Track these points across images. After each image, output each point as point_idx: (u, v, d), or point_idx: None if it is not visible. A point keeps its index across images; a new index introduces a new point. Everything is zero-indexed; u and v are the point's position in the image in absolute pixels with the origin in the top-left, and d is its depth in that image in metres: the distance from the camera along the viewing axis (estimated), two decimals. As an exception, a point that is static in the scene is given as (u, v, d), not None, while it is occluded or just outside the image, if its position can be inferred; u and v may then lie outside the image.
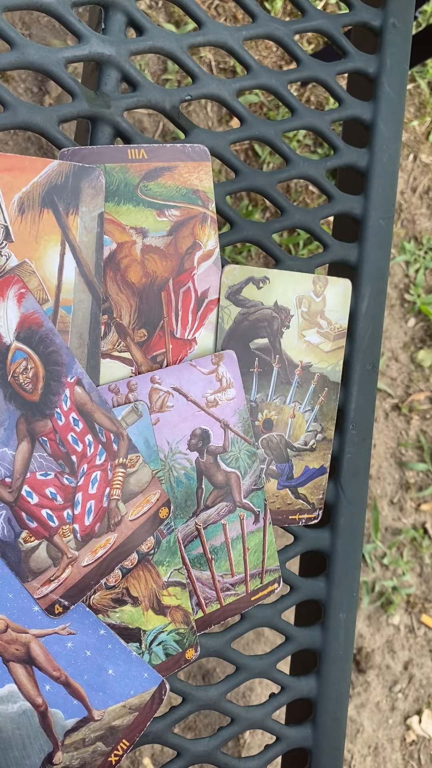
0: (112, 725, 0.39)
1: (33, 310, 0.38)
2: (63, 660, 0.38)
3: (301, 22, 0.49)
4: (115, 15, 0.43)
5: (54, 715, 0.38)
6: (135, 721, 0.40)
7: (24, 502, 0.37)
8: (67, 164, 0.39)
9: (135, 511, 0.40)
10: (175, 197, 0.41)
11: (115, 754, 0.39)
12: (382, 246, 0.50)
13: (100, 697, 0.39)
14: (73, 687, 0.38)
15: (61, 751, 0.38)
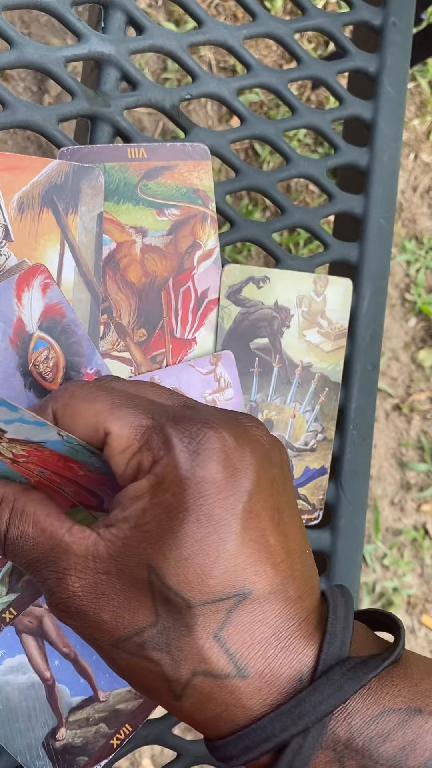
0: (116, 708, 0.39)
1: (57, 300, 0.38)
2: (73, 637, 0.38)
3: (302, 21, 0.48)
4: (115, 14, 0.43)
5: (61, 691, 0.38)
6: (139, 707, 0.40)
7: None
8: (67, 164, 0.39)
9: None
10: (175, 196, 0.41)
11: (117, 737, 0.39)
12: (382, 245, 0.50)
13: (106, 679, 0.39)
14: (81, 665, 0.39)
15: (65, 727, 0.38)
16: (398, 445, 1.31)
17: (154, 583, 0.28)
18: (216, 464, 0.28)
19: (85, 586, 0.29)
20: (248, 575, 0.28)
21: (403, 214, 1.36)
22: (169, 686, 0.29)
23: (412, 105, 1.36)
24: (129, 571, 0.28)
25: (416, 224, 1.36)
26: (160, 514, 0.28)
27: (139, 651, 0.29)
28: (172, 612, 0.28)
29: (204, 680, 0.28)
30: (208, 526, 0.28)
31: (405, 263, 1.34)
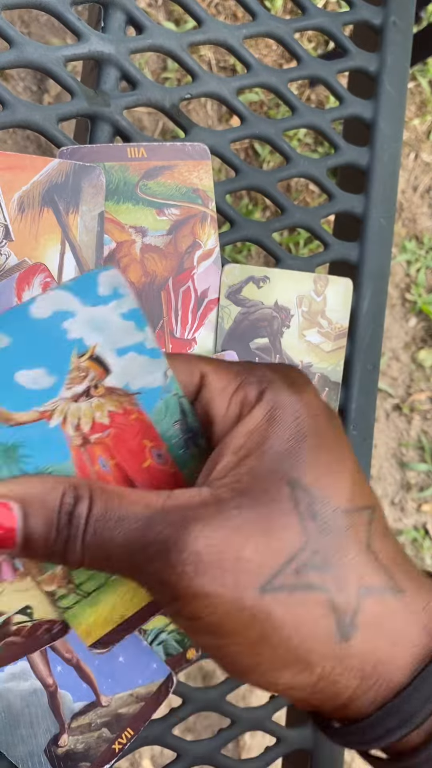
0: (118, 712, 0.39)
1: None
2: (76, 643, 0.38)
3: (302, 21, 0.48)
4: (115, 13, 0.43)
5: (63, 697, 0.38)
6: (140, 711, 0.40)
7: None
8: (68, 163, 0.38)
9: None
10: (175, 196, 0.41)
11: (119, 742, 0.39)
12: (383, 245, 0.49)
13: (108, 684, 0.39)
14: (84, 671, 0.39)
15: (68, 733, 0.38)
16: (398, 445, 1.31)
17: (299, 499, 0.26)
18: (312, 390, 0.29)
19: (215, 528, 0.25)
20: (368, 491, 0.28)
21: (404, 214, 1.36)
22: (338, 620, 0.25)
23: (413, 104, 1.36)
24: (267, 497, 0.26)
25: (416, 224, 1.36)
26: (285, 434, 0.27)
27: (297, 580, 0.25)
28: (323, 526, 0.26)
29: (372, 602, 0.26)
30: (331, 444, 0.28)
31: (405, 263, 1.34)
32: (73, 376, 0.27)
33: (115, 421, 0.29)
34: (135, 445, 0.29)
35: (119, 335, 0.27)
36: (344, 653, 0.25)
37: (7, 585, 0.31)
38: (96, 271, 0.26)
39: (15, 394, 0.27)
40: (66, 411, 0.28)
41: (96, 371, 0.28)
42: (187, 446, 0.30)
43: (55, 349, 0.27)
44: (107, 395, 0.28)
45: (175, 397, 0.29)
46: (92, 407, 0.28)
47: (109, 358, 0.27)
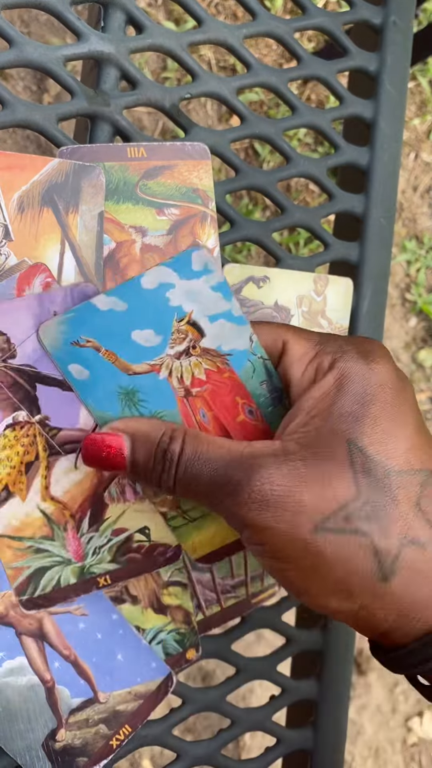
0: (116, 709, 0.39)
1: None
2: (74, 639, 0.38)
3: (302, 20, 0.48)
4: (115, 13, 0.42)
5: (60, 693, 0.38)
6: (139, 709, 0.40)
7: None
8: (68, 163, 0.38)
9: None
10: (175, 196, 0.41)
11: (117, 738, 0.39)
12: (383, 245, 0.49)
13: (107, 681, 0.39)
14: (82, 667, 0.39)
15: (65, 728, 0.38)
16: (398, 444, 1.31)
17: (354, 457, 0.30)
18: (387, 364, 0.33)
19: (281, 474, 0.30)
20: (427, 458, 0.31)
21: (404, 214, 1.36)
22: (379, 562, 0.29)
23: (413, 104, 1.36)
24: (327, 453, 0.30)
25: (416, 224, 1.36)
26: (351, 400, 0.31)
27: (346, 525, 0.29)
28: (374, 482, 0.30)
29: (412, 550, 0.29)
30: (393, 411, 0.31)
31: (405, 263, 1.34)
32: (175, 337, 0.33)
33: (211, 378, 0.34)
34: (229, 401, 0.35)
35: (210, 304, 0.33)
36: (383, 591, 0.29)
37: (130, 505, 0.38)
38: (190, 250, 0.32)
39: (132, 349, 0.33)
40: (171, 366, 0.34)
41: (193, 334, 0.33)
42: (274, 404, 0.35)
43: (161, 314, 0.33)
44: (203, 355, 0.34)
45: (260, 359, 0.34)
46: (191, 365, 0.34)
47: (202, 323, 0.33)
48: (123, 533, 0.39)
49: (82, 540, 0.38)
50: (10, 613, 0.37)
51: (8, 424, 0.36)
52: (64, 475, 0.37)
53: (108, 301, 0.33)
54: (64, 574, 0.38)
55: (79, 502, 0.38)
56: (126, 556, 0.39)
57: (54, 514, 0.37)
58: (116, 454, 0.33)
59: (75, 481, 0.38)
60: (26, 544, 0.37)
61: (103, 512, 0.38)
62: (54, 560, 0.38)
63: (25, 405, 0.36)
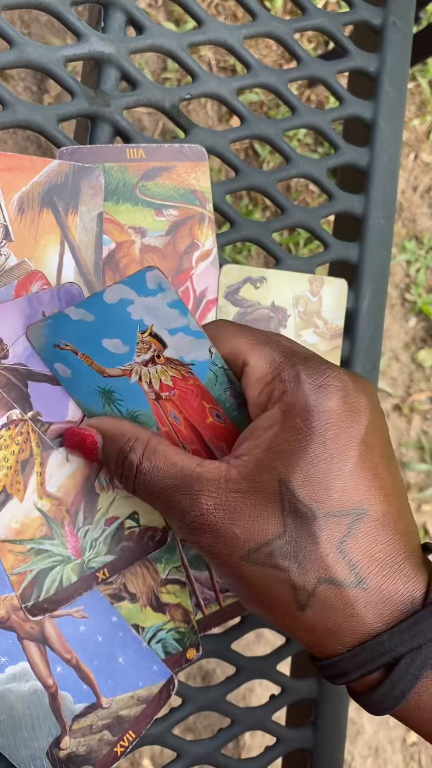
0: (119, 714, 0.39)
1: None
2: (75, 643, 0.38)
3: (302, 21, 0.48)
4: (115, 13, 0.43)
5: (63, 698, 0.38)
6: (142, 713, 0.39)
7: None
8: (67, 164, 0.38)
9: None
10: (173, 197, 0.41)
11: (121, 745, 0.39)
12: (382, 245, 0.50)
13: (109, 685, 0.39)
14: (84, 671, 0.39)
15: (69, 736, 0.38)
16: (398, 445, 1.31)
17: (284, 496, 0.31)
18: (338, 398, 0.33)
19: (218, 504, 0.32)
20: (364, 497, 0.32)
21: (403, 214, 1.36)
22: (295, 595, 0.32)
23: (412, 105, 1.36)
24: (261, 487, 0.32)
25: (416, 224, 1.36)
26: (291, 436, 0.32)
27: (268, 560, 0.32)
28: (300, 523, 0.31)
29: (327, 588, 0.31)
30: (331, 449, 0.32)
31: (405, 263, 1.34)
32: (140, 347, 0.35)
33: (177, 384, 0.36)
34: (197, 404, 0.37)
35: (168, 319, 0.35)
36: (300, 618, 0.32)
37: (119, 492, 0.39)
38: (143, 270, 0.34)
39: (104, 355, 0.36)
40: (140, 372, 0.36)
41: (156, 345, 0.35)
42: (239, 410, 0.37)
43: (125, 326, 0.35)
44: (168, 364, 0.36)
45: (221, 369, 0.36)
46: (158, 372, 0.36)
47: (163, 335, 0.35)
48: (115, 521, 0.39)
49: (79, 534, 0.38)
50: (12, 617, 0.37)
51: (3, 423, 0.37)
52: (57, 469, 0.38)
53: (78, 312, 0.35)
54: (65, 573, 0.38)
55: (72, 496, 0.38)
56: (120, 545, 0.39)
57: (51, 512, 0.38)
58: (90, 448, 0.36)
59: (67, 474, 0.38)
60: (27, 547, 0.37)
61: (95, 503, 0.39)
62: (54, 560, 0.38)
63: (18, 403, 0.37)
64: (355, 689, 0.34)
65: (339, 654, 0.32)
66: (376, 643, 0.31)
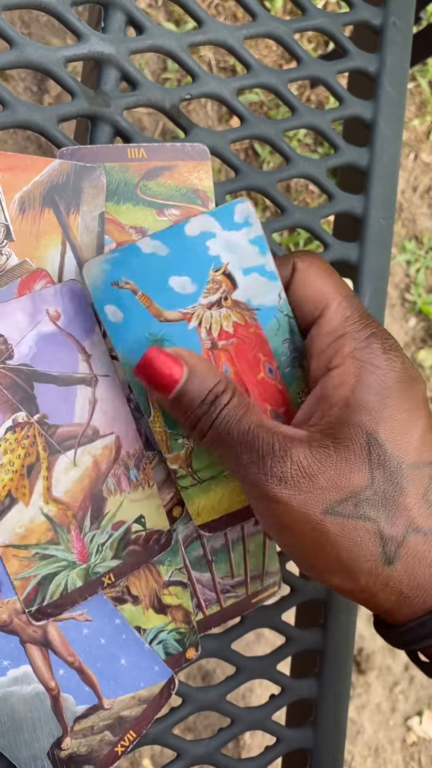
0: (120, 715, 0.39)
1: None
2: (78, 646, 0.38)
3: (302, 21, 0.48)
4: (115, 14, 0.43)
5: (65, 700, 0.38)
6: (143, 714, 0.40)
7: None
8: (69, 164, 0.39)
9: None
10: (175, 197, 0.41)
11: (122, 745, 0.39)
12: (382, 245, 0.50)
13: (111, 686, 0.39)
14: (86, 674, 0.39)
15: (70, 737, 0.38)
16: (398, 445, 1.31)
17: (372, 449, 0.32)
18: (403, 364, 0.34)
19: (303, 455, 0.32)
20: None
21: (403, 214, 1.36)
22: (383, 547, 0.32)
23: (412, 105, 1.36)
24: (346, 442, 0.32)
25: (416, 224, 1.36)
26: (370, 391, 0.33)
27: (355, 510, 0.32)
28: (387, 474, 0.32)
29: (416, 538, 0.31)
30: (407, 405, 0.33)
31: (405, 263, 1.35)
32: (209, 287, 0.34)
33: (237, 331, 0.35)
34: (252, 357, 0.36)
35: (246, 257, 0.34)
36: (386, 574, 0.32)
37: (126, 495, 0.38)
38: (234, 201, 0.34)
39: (167, 296, 0.34)
40: (201, 316, 0.35)
41: (227, 285, 0.35)
42: (293, 365, 0.37)
43: (199, 262, 0.34)
44: (233, 307, 0.35)
45: (286, 317, 0.36)
46: (221, 316, 0.35)
47: (237, 275, 0.34)
48: (122, 526, 0.39)
49: (85, 539, 0.38)
50: (14, 620, 0.37)
51: (8, 426, 0.36)
52: (64, 474, 0.37)
53: (152, 244, 0.34)
54: (71, 578, 0.38)
55: (79, 500, 0.38)
56: (126, 549, 0.39)
57: (57, 516, 0.37)
58: (170, 377, 0.34)
59: (74, 478, 0.38)
60: (32, 552, 0.37)
61: (103, 507, 0.38)
62: (60, 565, 0.37)
63: (24, 405, 0.36)
64: (429, 655, 0.34)
65: (428, 611, 0.32)
66: None
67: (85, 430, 0.38)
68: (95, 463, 0.38)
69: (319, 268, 0.36)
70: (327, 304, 0.35)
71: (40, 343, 0.37)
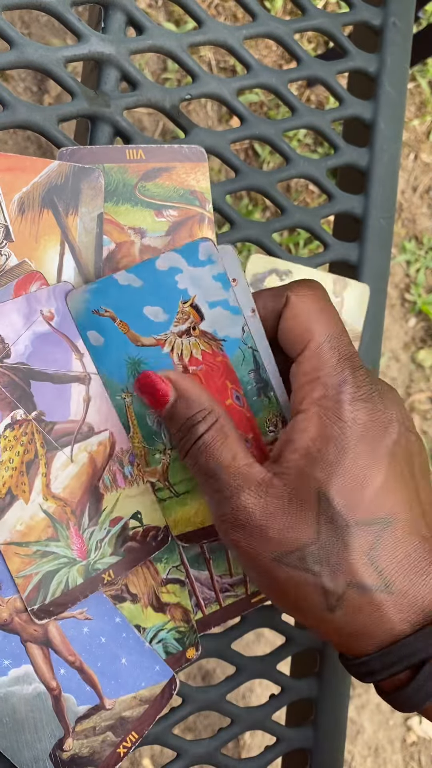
0: (122, 716, 0.39)
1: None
2: (78, 645, 0.38)
3: (302, 21, 0.49)
4: (115, 14, 0.43)
5: (67, 700, 0.38)
6: (144, 714, 0.40)
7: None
8: (67, 165, 0.39)
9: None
10: (173, 198, 0.41)
11: (124, 746, 0.39)
12: (382, 245, 0.50)
13: (112, 686, 0.39)
14: (87, 673, 0.39)
15: (72, 737, 0.38)
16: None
17: (321, 505, 0.33)
18: (371, 412, 0.34)
19: (257, 505, 0.34)
20: (392, 506, 0.34)
21: (403, 214, 1.36)
22: (325, 598, 0.33)
23: (412, 105, 1.36)
24: (300, 495, 0.33)
25: (416, 224, 1.36)
26: (327, 445, 0.34)
27: (300, 564, 0.33)
28: (333, 531, 0.33)
29: (356, 592, 0.33)
30: (365, 461, 0.34)
31: (405, 263, 1.35)
32: (179, 317, 0.37)
33: (205, 359, 0.38)
34: (220, 383, 0.38)
35: (210, 291, 0.37)
36: (329, 619, 0.34)
37: (122, 491, 0.39)
38: (198, 240, 0.37)
39: (142, 323, 0.37)
40: (173, 343, 0.37)
41: (194, 316, 0.37)
42: (258, 394, 0.39)
43: (169, 294, 0.37)
44: (201, 337, 0.37)
45: (250, 349, 0.38)
46: (190, 344, 0.37)
47: (203, 307, 0.37)
48: (119, 522, 0.39)
49: (84, 536, 0.38)
50: (15, 619, 0.37)
51: (7, 424, 0.37)
52: (62, 470, 0.38)
53: (127, 277, 0.37)
54: (71, 575, 0.38)
55: (78, 496, 0.38)
56: (124, 546, 0.39)
57: (56, 513, 0.37)
58: (160, 398, 0.36)
59: (72, 474, 0.38)
60: (33, 549, 0.37)
61: (100, 503, 0.39)
62: (60, 562, 0.38)
63: (21, 403, 0.37)
64: (383, 688, 0.35)
65: (367, 654, 0.34)
66: (403, 646, 0.33)
67: (81, 427, 0.38)
68: (91, 459, 0.38)
69: (311, 302, 0.37)
70: (308, 343, 0.36)
71: (36, 342, 0.37)
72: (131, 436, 0.39)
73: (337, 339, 0.36)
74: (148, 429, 0.39)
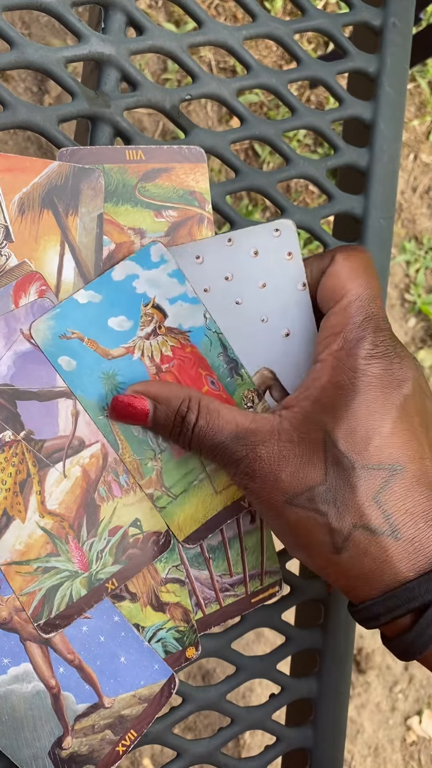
0: (121, 714, 0.39)
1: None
2: (77, 643, 0.38)
3: (302, 22, 0.49)
4: (115, 14, 0.43)
5: (66, 699, 0.38)
6: (143, 713, 0.40)
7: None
8: (67, 165, 0.39)
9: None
10: (173, 198, 0.41)
11: (123, 744, 0.39)
12: (382, 246, 0.50)
13: (111, 685, 0.39)
14: (86, 671, 0.39)
15: (71, 736, 0.38)
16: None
17: (328, 447, 0.34)
18: (384, 367, 0.36)
19: (270, 453, 0.35)
20: (400, 455, 0.35)
21: (403, 215, 1.36)
22: (332, 538, 0.34)
23: (412, 105, 1.36)
24: (308, 438, 0.35)
25: (416, 224, 1.36)
26: (336, 392, 0.35)
27: (309, 504, 0.34)
28: (340, 472, 0.34)
29: (363, 534, 0.34)
30: (372, 408, 0.35)
31: (405, 263, 1.35)
32: (143, 320, 0.38)
33: (176, 353, 0.39)
34: (194, 373, 0.39)
35: (168, 288, 0.38)
36: (336, 560, 0.35)
37: (119, 500, 0.40)
38: (149, 245, 0.38)
39: (110, 336, 0.38)
40: (142, 347, 0.39)
41: (158, 316, 0.39)
42: (231, 375, 0.40)
43: (130, 301, 0.38)
44: (168, 333, 0.39)
45: (215, 333, 0.40)
46: (159, 343, 0.39)
47: (164, 305, 0.39)
48: (119, 531, 0.39)
49: (84, 548, 0.38)
50: (14, 618, 0.37)
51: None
52: (56, 486, 0.38)
53: (86, 294, 0.38)
54: (75, 587, 0.38)
55: (74, 510, 0.38)
56: (126, 553, 0.39)
57: (54, 529, 0.38)
58: (140, 414, 0.37)
59: (66, 489, 0.38)
60: (34, 566, 0.37)
61: (97, 514, 0.39)
62: (62, 576, 0.38)
63: (9, 424, 0.37)
64: (386, 634, 0.36)
65: (372, 598, 0.35)
66: (406, 589, 0.34)
67: (71, 442, 0.38)
68: (85, 473, 0.39)
69: (355, 263, 0.38)
70: (340, 299, 0.37)
71: (18, 362, 0.37)
72: (121, 453, 0.39)
73: (369, 300, 0.37)
74: (135, 439, 0.39)
